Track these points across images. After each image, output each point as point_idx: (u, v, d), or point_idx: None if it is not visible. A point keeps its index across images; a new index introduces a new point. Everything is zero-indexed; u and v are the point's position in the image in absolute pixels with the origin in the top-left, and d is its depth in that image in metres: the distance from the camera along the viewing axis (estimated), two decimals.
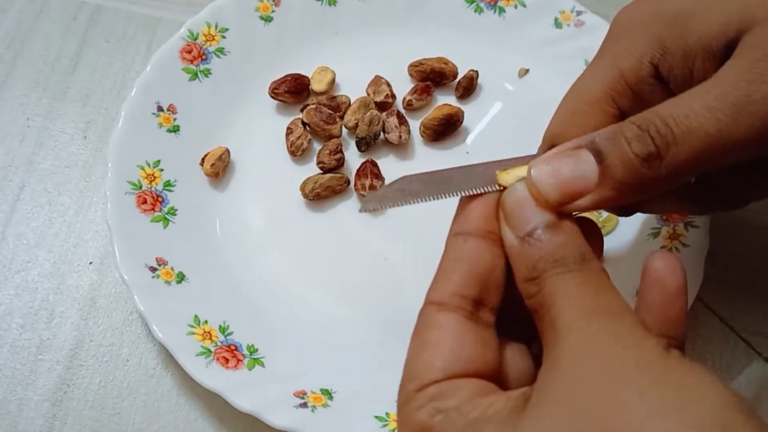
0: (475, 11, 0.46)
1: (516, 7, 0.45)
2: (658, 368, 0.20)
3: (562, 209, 0.24)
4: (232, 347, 0.36)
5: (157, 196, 0.39)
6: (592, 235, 0.26)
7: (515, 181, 0.25)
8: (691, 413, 0.18)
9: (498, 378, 0.24)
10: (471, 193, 0.26)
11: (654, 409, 0.19)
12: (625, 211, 0.31)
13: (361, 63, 0.44)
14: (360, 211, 0.29)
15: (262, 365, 0.36)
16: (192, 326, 0.36)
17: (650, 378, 0.20)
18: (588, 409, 0.19)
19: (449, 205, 0.27)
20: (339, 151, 0.41)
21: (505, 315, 0.25)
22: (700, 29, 0.26)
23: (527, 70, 0.45)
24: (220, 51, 0.43)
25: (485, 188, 0.26)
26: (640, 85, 0.27)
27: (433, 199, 0.27)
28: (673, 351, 0.21)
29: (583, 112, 0.28)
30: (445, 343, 0.23)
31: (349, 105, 0.43)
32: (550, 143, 0.28)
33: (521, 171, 0.25)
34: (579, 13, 0.45)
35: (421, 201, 0.27)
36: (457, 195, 0.26)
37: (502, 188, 0.25)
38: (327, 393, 0.35)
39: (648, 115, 0.24)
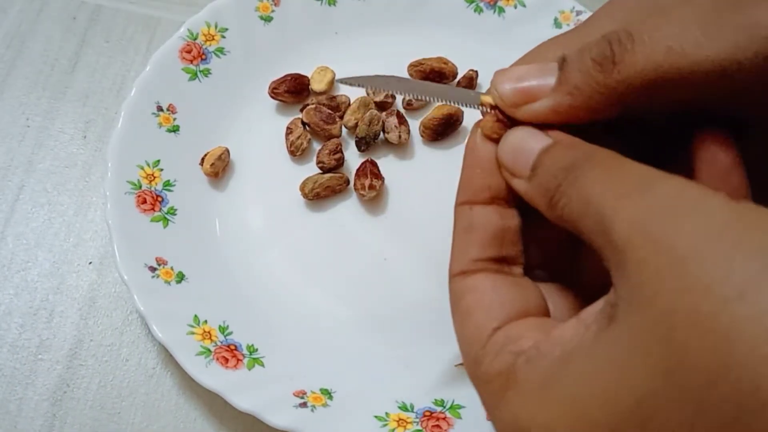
0: (475, 11, 0.46)
1: (516, 7, 0.45)
2: (738, 232, 0.17)
3: (515, 114, 0.24)
4: (232, 347, 0.36)
5: (157, 195, 0.39)
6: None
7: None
8: None
9: (547, 315, 0.23)
10: (450, 104, 0.28)
11: (746, 285, 0.16)
12: None
13: (361, 63, 0.44)
14: (336, 80, 0.31)
15: (262, 365, 0.36)
16: (192, 326, 0.36)
17: (731, 247, 0.17)
18: (669, 310, 0.17)
19: (449, 205, 0.27)
20: (339, 150, 0.41)
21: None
22: None
23: None
24: (220, 51, 0.43)
25: (467, 105, 0.27)
26: None
27: (413, 96, 0.28)
28: (742, 201, 0.18)
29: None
30: (485, 299, 0.23)
31: (349, 105, 0.43)
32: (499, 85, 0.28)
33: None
34: (579, 13, 0.45)
35: (399, 93, 0.29)
36: (437, 101, 0.28)
37: (483, 107, 0.26)
38: (327, 393, 0.35)
39: (619, 27, 0.23)
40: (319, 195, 0.40)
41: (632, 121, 0.26)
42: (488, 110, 0.26)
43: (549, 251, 0.25)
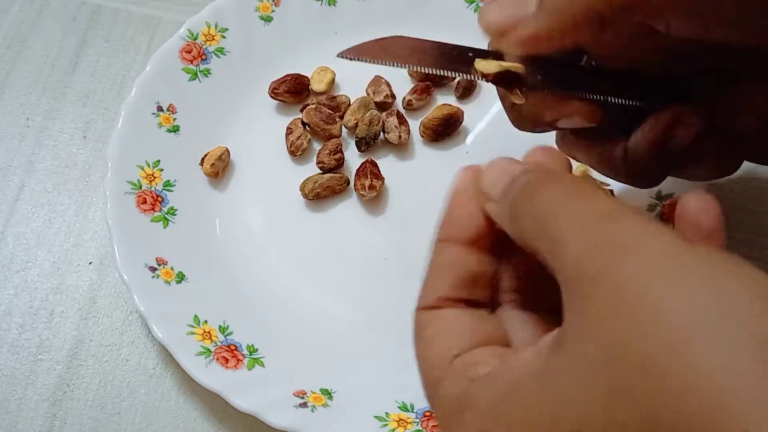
0: (475, 11, 0.46)
1: None
2: (685, 255, 0.18)
3: (501, 43, 0.25)
4: (232, 347, 0.36)
5: (157, 196, 0.39)
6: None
7: (494, 69, 0.27)
8: (733, 290, 0.17)
9: (508, 346, 0.23)
10: (447, 74, 0.28)
11: (691, 327, 0.16)
12: (649, 178, 0.30)
13: (362, 63, 0.44)
14: (337, 55, 0.30)
15: (262, 365, 0.36)
16: (192, 326, 0.36)
17: (681, 286, 0.17)
18: (616, 340, 0.17)
19: None
20: (339, 151, 0.41)
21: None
22: None
23: None
24: (220, 51, 0.43)
25: (462, 75, 0.28)
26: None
27: (412, 67, 0.29)
28: (698, 244, 0.18)
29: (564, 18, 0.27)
30: (449, 327, 0.23)
31: (349, 105, 0.43)
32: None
33: (496, 62, 0.27)
34: None
35: (399, 66, 0.29)
36: (436, 71, 0.28)
37: (478, 74, 0.27)
38: (327, 393, 0.35)
39: None
40: (319, 195, 0.40)
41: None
42: (480, 78, 0.26)
43: (522, 276, 0.25)
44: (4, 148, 0.43)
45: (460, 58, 0.28)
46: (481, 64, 0.27)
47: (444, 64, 0.28)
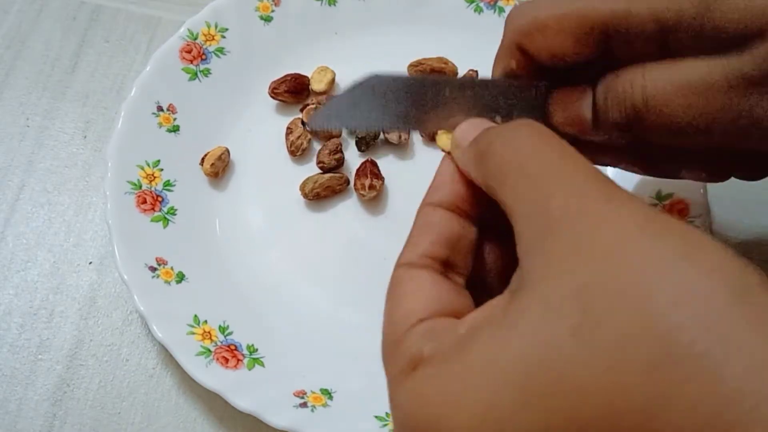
0: (475, 11, 0.46)
1: None
2: (659, 220, 0.19)
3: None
4: (232, 347, 0.36)
5: (157, 196, 0.39)
6: None
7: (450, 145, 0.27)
8: (704, 257, 0.17)
9: None
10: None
11: (664, 261, 0.17)
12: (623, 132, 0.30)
13: (361, 63, 0.44)
14: (305, 126, 0.30)
15: (262, 365, 0.36)
16: (192, 326, 0.36)
17: (655, 232, 0.18)
18: (592, 275, 0.18)
19: None
20: (339, 150, 0.41)
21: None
22: None
23: None
24: (220, 51, 0.43)
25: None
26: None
27: (380, 129, 0.28)
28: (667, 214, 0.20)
29: (573, 21, 0.27)
30: (421, 290, 0.23)
31: None
32: (522, 27, 0.28)
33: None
34: None
35: (367, 130, 0.28)
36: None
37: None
38: (327, 393, 0.35)
39: None
40: (319, 195, 0.40)
41: None
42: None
43: (502, 263, 0.26)
44: (4, 148, 0.43)
45: (431, 107, 0.27)
46: (442, 141, 0.27)
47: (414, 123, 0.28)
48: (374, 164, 0.41)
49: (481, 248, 0.25)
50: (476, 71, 0.44)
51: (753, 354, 0.16)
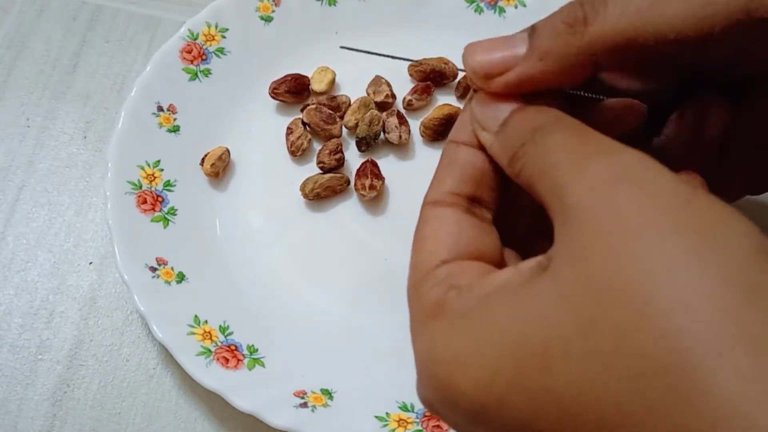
0: (475, 11, 0.46)
1: (516, 7, 0.45)
2: (680, 212, 0.18)
3: (489, 86, 0.24)
4: (232, 347, 0.36)
5: (157, 196, 0.39)
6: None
7: None
8: (715, 263, 0.17)
9: (501, 266, 0.24)
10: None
11: (673, 261, 0.17)
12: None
13: (361, 63, 0.44)
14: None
15: (262, 365, 0.36)
16: (192, 326, 0.36)
17: (670, 224, 0.17)
18: (599, 267, 0.18)
19: None
20: (339, 151, 0.41)
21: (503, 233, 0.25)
22: None
23: None
24: (220, 51, 0.43)
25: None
26: None
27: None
28: (699, 189, 0.19)
29: None
30: (445, 230, 0.24)
31: (349, 105, 0.43)
32: None
33: None
34: None
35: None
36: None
37: None
38: (327, 393, 0.35)
39: None
40: (319, 195, 0.40)
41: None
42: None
43: (519, 231, 0.26)
44: (4, 148, 0.43)
45: None
46: None
47: None
48: (374, 164, 0.41)
49: (507, 182, 0.25)
50: None
51: (750, 372, 0.15)
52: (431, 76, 0.44)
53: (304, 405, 0.34)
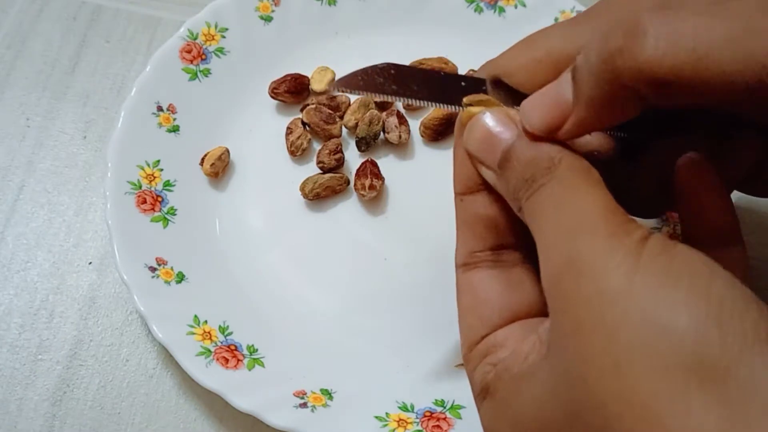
0: (475, 11, 0.46)
1: (516, 7, 0.45)
2: (634, 256, 0.19)
3: (552, 137, 0.24)
4: (232, 347, 0.36)
5: (157, 196, 0.39)
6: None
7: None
8: (676, 325, 0.18)
9: (542, 308, 0.24)
10: (438, 107, 0.27)
11: (646, 291, 0.18)
12: (651, 211, 0.30)
13: (361, 63, 0.44)
14: (330, 89, 0.31)
15: (262, 365, 0.36)
16: (192, 326, 0.36)
17: (626, 268, 0.19)
18: (578, 350, 0.19)
19: (449, 205, 0.27)
20: (339, 151, 0.41)
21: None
22: None
23: None
24: (220, 51, 0.43)
25: (453, 107, 0.27)
26: None
27: (399, 99, 0.28)
28: (655, 236, 0.19)
29: (543, 65, 0.26)
30: (478, 301, 0.25)
31: (349, 105, 0.43)
32: (491, 73, 0.28)
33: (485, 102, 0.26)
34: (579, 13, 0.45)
35: (388, 97, 0.28)
36: (425, 104, 0.27)
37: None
38: (327, 393, 0.35)
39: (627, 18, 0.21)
40: (319, 195, 0.40)
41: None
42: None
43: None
44: (4, 148, 0.43)
45: (450, 90, 0.27)
46: (475, 110, 0.26)
47: (435, 97, 0.27)
48: (374, 164, 0.41)
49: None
50: (476, 71, 0.44)
51: None
52: None
53: (304, 405, 0.34)
